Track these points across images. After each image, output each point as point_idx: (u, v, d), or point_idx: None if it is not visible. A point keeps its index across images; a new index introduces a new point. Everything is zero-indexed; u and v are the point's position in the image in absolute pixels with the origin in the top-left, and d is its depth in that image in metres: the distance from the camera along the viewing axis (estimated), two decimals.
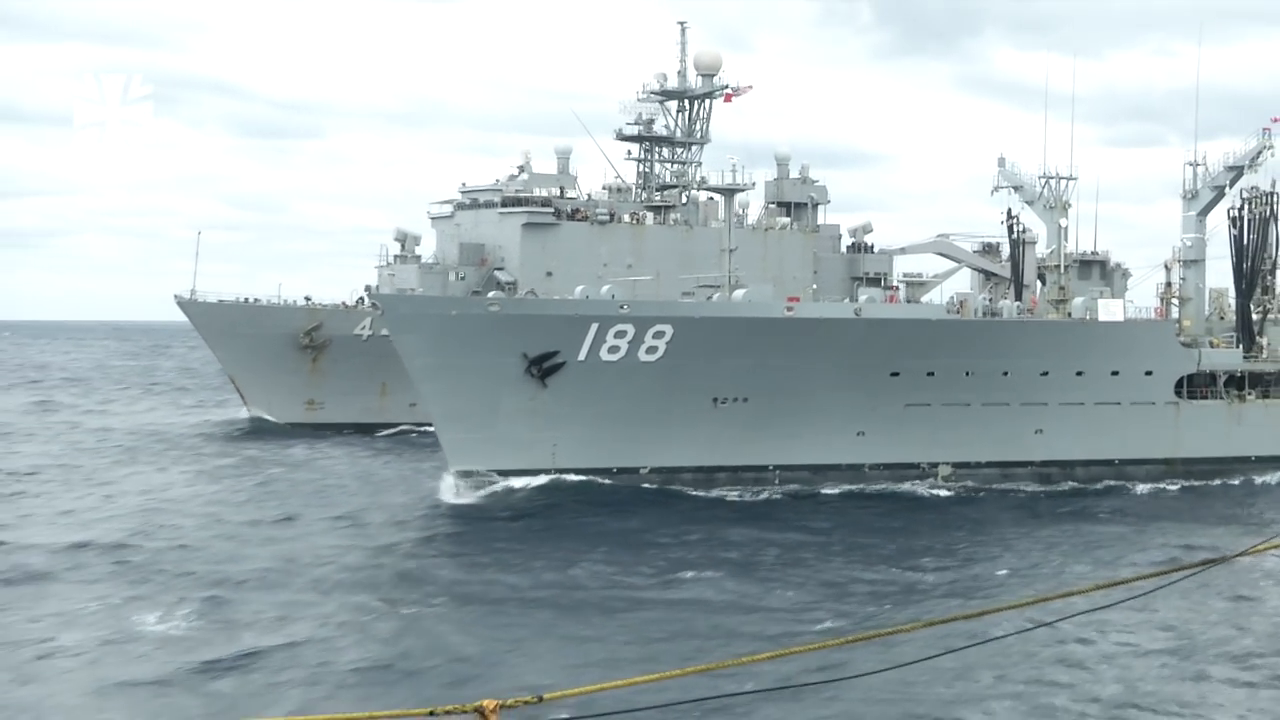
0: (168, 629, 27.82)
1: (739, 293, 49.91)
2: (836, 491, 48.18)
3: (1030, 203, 57.76)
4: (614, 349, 46.43)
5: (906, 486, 49.19)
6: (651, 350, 46.52)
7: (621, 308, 47.13)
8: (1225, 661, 25.99)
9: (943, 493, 49.10)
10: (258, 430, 64.70)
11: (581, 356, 46.18)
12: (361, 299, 69.45)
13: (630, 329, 46.23)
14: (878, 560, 36.28)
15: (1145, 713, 22.79)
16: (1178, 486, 50.86)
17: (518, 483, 46.11)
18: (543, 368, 46.27)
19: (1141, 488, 50.55)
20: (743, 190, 56.96)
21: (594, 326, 46.08)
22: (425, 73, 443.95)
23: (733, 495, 47.29)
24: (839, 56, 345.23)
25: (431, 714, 6.49)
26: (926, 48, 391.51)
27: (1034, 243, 63.08)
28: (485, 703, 6.07)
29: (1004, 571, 34.90)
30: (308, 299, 67.92)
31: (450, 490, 45.96)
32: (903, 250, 74.63)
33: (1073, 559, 36.72)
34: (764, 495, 47.59)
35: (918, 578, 34.00)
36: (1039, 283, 62.60)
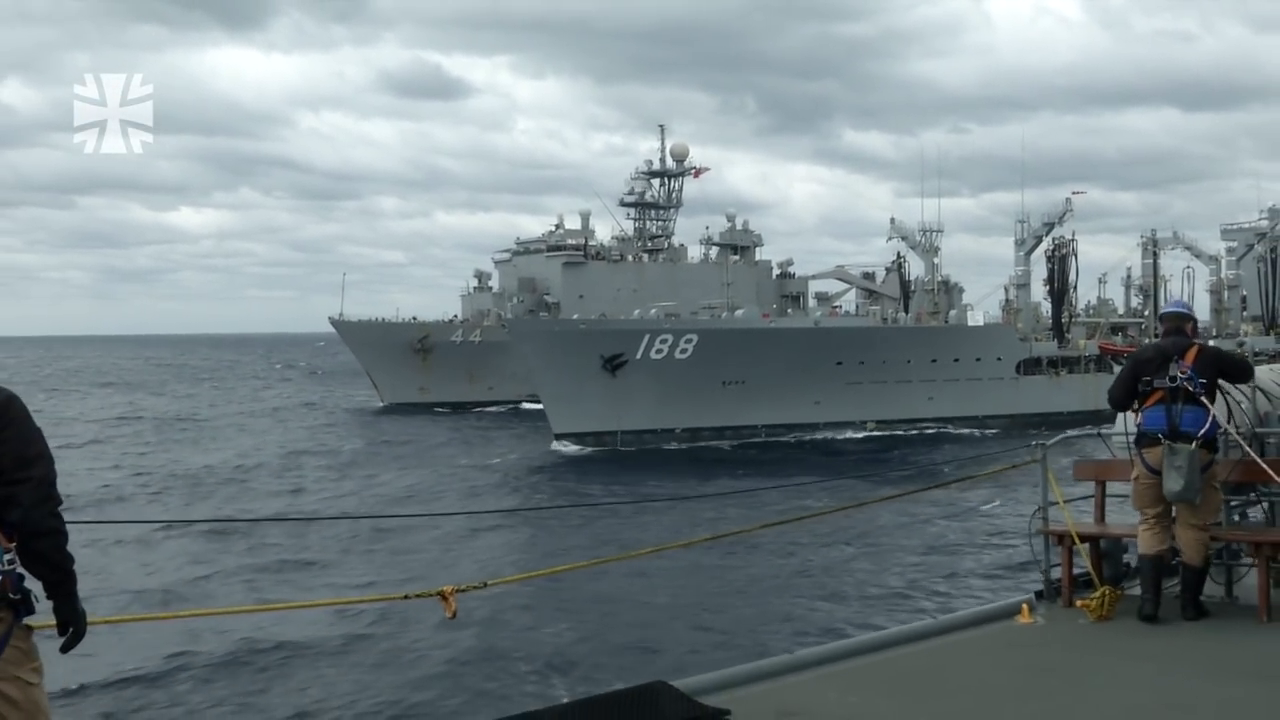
0: None
1: (738, 312, 55.68)
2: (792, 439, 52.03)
3: (914, 247, 64.07)
4: (659, 351, 49.94)
5: (846, 434, 53.33)
6: (683, 351, 50.11)
7: (665, 323, 51.91)
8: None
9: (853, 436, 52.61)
10: (392, 409, 69.18)
11: (639, 356, 49.75)
12: (455, 316, 74.72)
13: (670, 337, 50.04)
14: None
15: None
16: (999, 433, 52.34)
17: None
18: (613, 364, 49.62)
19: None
20: (747, 247, 62.08)
21: (647, 336, 49.96)
22: (433, 149, 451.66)
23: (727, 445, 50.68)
24: (733, 135, 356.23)
25: (405, 597, 6.17)
26: (793, 128, 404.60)
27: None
28: (445, 588, 5.52)
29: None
30: (414, 318, 72.66)
31: (554, 445, 49.59)
32: (813, 277, 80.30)
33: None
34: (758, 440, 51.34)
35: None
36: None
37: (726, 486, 35.72)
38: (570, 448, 49.60)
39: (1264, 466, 7.54)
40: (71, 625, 3.85)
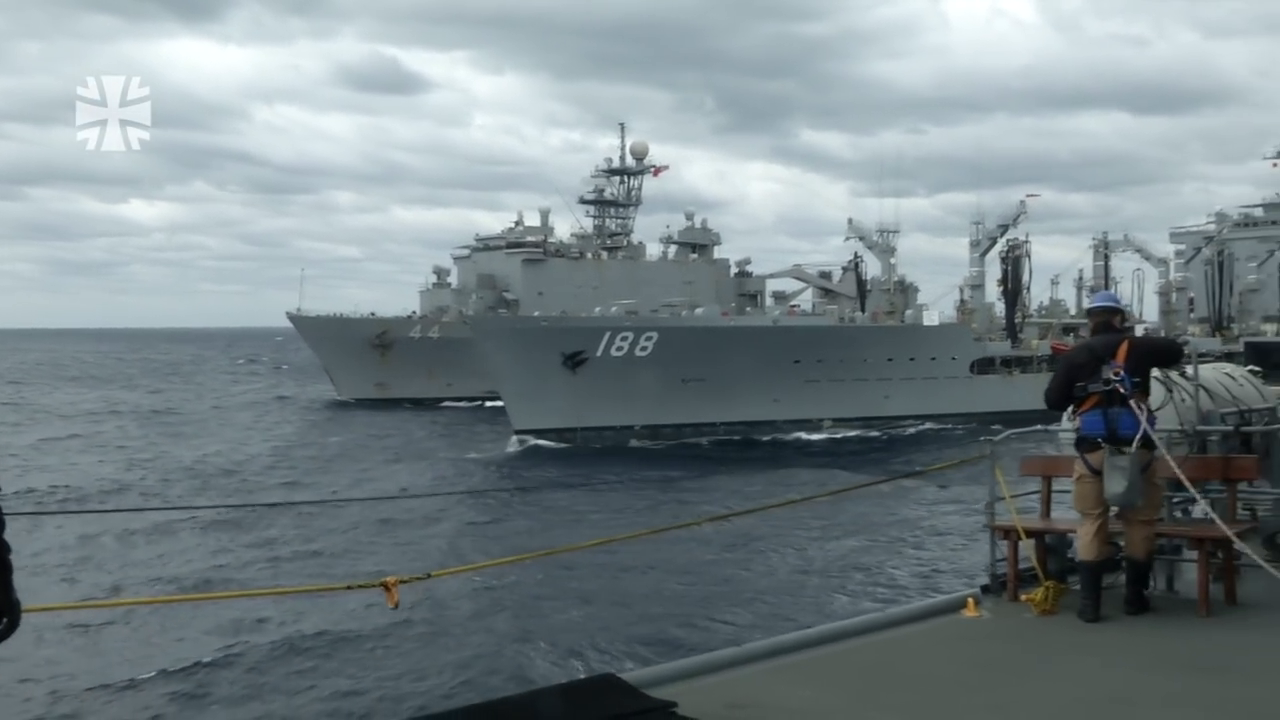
0: None
1: (698, 310, 55.84)
2: (767, 439, 51.68)
3: (871, 247, 64.64)
4: (620, 348, 49.82)
5: (821, 434, 53.17)
6: (644, 349, 50.13)
7: (625, 321, 51.67)
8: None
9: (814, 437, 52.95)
10: (351, 404, 68.90)
11: (599, 353, 49.69)
12: (414, 312, 74.43)
13: (631, 335, 49.99)
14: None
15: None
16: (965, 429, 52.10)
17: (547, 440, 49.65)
18: (574, 361, 49.56)
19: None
20: (706, 245, 62.18)
21: (607, 333, 49.86)
22: (390, 144, 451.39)
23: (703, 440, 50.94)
24: (691, 132, 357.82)
25: (348, 588, 6.13)
26: (751, 126, 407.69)
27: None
28: (388, 579, 5.50)
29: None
30: (373, 314, 72.34)
31: (514, 443, 48.97)
32: (771, 276, 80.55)
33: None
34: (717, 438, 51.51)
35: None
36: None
37: (714, 482, 36.46)
38: (545, 443, 49.34)
39: (1177, 471, 7.48)
40: (5, 615, 3.63)
